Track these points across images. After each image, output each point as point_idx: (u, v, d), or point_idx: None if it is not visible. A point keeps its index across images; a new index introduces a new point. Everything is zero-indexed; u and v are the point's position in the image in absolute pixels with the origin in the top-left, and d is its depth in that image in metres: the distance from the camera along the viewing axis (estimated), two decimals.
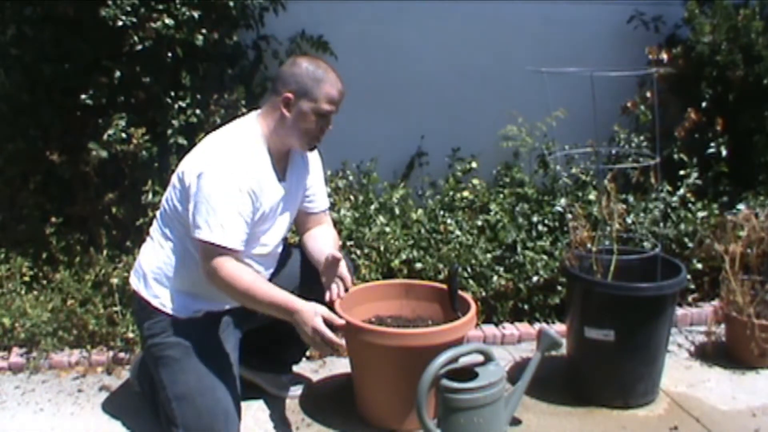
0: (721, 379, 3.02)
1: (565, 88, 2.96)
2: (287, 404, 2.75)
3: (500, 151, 3.91)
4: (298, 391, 2.83)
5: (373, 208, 3.58)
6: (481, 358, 2.33)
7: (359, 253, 3.35)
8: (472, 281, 3.33)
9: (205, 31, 3.24)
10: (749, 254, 3.18)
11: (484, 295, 3.33)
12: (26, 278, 3.23)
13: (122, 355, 3.02)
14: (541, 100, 3.05)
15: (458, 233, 3.47)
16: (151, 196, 3.20)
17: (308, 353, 3.01)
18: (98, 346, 3.06)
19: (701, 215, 3.60)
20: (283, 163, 2.46)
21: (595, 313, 2.74)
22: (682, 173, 3.78)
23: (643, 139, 3.86)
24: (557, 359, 2.91)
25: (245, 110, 3.23)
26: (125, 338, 3.03)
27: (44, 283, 3.24)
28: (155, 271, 2.42)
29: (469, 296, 2.73)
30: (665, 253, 3.02)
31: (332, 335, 2.24)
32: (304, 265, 2.60)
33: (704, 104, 3.87)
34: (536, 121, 3.76)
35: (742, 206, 3.57)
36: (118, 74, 3.19)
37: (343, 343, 2.28)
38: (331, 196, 3.37)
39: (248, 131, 2.39)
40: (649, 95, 3.88)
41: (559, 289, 3.37)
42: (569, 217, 3.16)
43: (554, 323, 3.37)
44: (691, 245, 3.54)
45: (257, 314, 2.47)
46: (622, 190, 3.61)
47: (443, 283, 2.88)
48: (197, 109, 3.31)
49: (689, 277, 3.39)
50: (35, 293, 3.20)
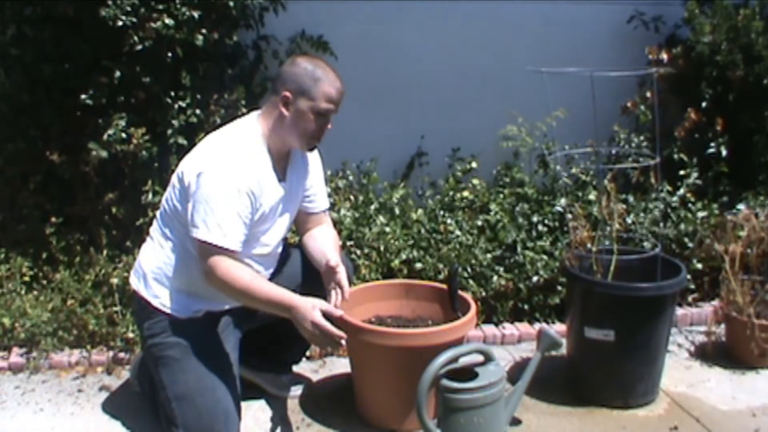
0: (721, 379, 3.02)
1: (565, 88, 2.96)
2: (287, 404, 2.75)
3: (500, 151, 3.91)
4: (298, 391, 2.83)
5: (373, 208, 3.58)
6: (481, 358, 2.33)
7: (359, 253, 3.35)
8: (472, 281, 3.33)
9: (205, 31, 3.24)
10: (749, 254, 3.18)
11: (484, 295, 3.33)
12: (26, 278, 3.23)
13: (122, 355, 3.03)
14: (541, 100, 3.05)
15: (458, 233, 3.47)
16: (151, 196, 3.20)
17: (308, 353, 3.01)
18: (98, 346, 3.06)
19: (701, 215, 3.60)
20: (283, 163, 2.45)
21: (595, 313, 2.74)
22: (682, 173, 3.78)
23: (643, 139, 3.86)
24: (557, 359, 2.91)
25: (245, 110, 3.23)
26: (125, 338, 3.03)
27: (44, 283, 3.24)
28: (155, 271, 2.42)
29: (469, 296, 2.74)
30: (665, 253, 3.02)
31: (332, 328, 2.22)
32: (304, 264, 2.60)
33: (704, 104, 3.87)
34: (536, 121, 3.76)
35: (742, 206, 3.56)
36: (118, 74, 3.19)
37: (344, 334, 2.25)
38: (331, 196, 3.37)
39: (248, 131, 2.38)
40: (649, 95, 3.88)
41: (559, 289, 3.37)
42: (569, 217, 3.16)
43: (554, 323, 3.37)
44: (691, 245, 3.54)
45: (257, 314, 2.47)
46: (622, 190, 3.61)
47: (443, 283, 2.88)
48: (197, 109, 3.31)
49: (689, 277, 3.39)
50: (35, 293, 3.20)
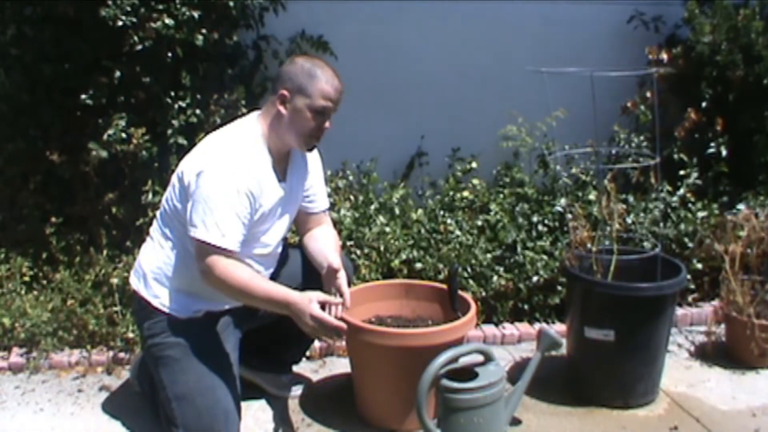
0: (721, 379, 3.02)
1: (565, 88, 2.96)
2: (287, 404, 2.75)
3: (500, 151, 3.91)
4: (298, 391, 2.83)
5: (373, 208, 3.58)
6: (481, 358, 2.33)
7: (359, 253, 3.35)
8: (472, 281, 3.33)
9: (205, 31, 3.24)
10: (749, 254, 3.18)
11: (484, 295, 3.33)
12: (26, 278, 3.23)
13: (122, 355, 3.03)
14: (541, 100, 3.05)
15: (458, 233, 3.47)
16: (151, 196, 3.20)
17: (308, 353, 3.02)
18: (98, 346, 3.06)
19: (701, 215, 3.60)
20: (283, 163, 2.45)
21: (595, 313, 2.74)
22: (682, 173, 3.78)
23: (643, 139, 3.86)
24: (557, 359, 2.91)
25: (245, 110, 3.23)
26: (125, 338, 3.03)
27: (44, 283, 3.24)
28: (155, 271, 2.42)
29: (469, 296, 2.74)
30: (665, 253, 3.02)
31: (331, 319, 2.21)
32: (304, 264, 2.59)
33: (704, 104, 3.87)
34: (536, 121, 3.76)
35: (742, 206, 3.56)
36: (118, 74, 3.19)
37: (343, 325, 2.23)
38: (331, 196, 3.37)
39: (248, 131, 2.38)
40: (649, 95, 3.88)
41: (559, 289, 3.37)
42: (569, 217, 3.16)
43: (554, 323, 3.37)
44: (691, 245, 3.54)
45: (257, 314, 2.47)
46: (622, 190, 3.61)
47: (443, 283, 2.88)
48: (197, 109, 3.31)
49: (689, 277, 3.39)
50: (35, 293, 3.20)
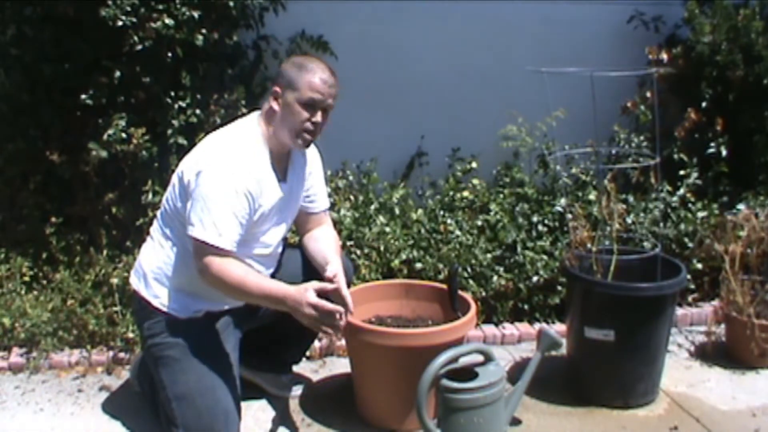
0: (721, 379, 3.02)
1: (565, 88, 2.96)
2: (288, 404, 2.75)
3: (500, 151, 3.91)
4: (298, 391, 2.83)
5: (373, 208, 3.58)
6: (481, 358, 2.33)
7: (359, 253, 3.35)
8: (472, 281, 3.33)
9: (205, 31, 3.24)
10: (749, 254, 3.18)
11: (484, 295, 3.33)
12: (26, 278, 3.23)
13: (122, 355, 3.03)
14: (541, 100, 3.04)
15: (458, 233, 3.47)
16: (151, 196, 3.20)
17: (308, 353, 3.01)
18: (98, 346, 3.06)
19: (701, 215, 3.60)
20: (283, 163, 2.45)
21: (595, 313, 2.74)
22: (682, 173, 3.78)
23: (643, 139, 3.86)
24: (557, 359, 2.91)
25: (245, 110, 3.23)
26: (125, 338, 3.03)
27: (44, 283, 3.24)
28: (155, 270, 2.42)
29: (469, 296, 2.74)
30: (665, 253, 3.02)
31: (329, 304, 2.17)
32: (305, 264, 2.59)
33: (704, 104, 3.87)
34: (536, 121, 3.76)
35: (742, 206, 3.56)
36: (118, 74, 3.19)
37: (341, 308, 2.19)
38: (331, 196, 3.37)
39: (249, 131, 2.38)
40: (649, 95, 3.88)
41: (559, 289, 3.37)
42: (569, 217, 3.16)
43: (554, 323, 3.37)
44: (691, 245, 3.54)
45: (257, 314, 2.47)
46: (622, 190, 3.61)
47: (443, 283, 2.88)
48: (197, 109, 3.31)
49: (689, 277, 3.38)
50: (35, 293, 3.20)
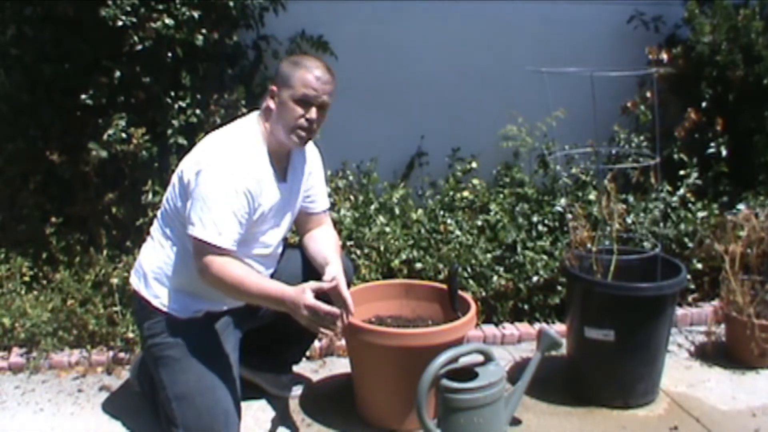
0: (721, 379, 3.02)
1: (565, 88, 2.96)
2: (288, 404, 2.75)
3: (500, 151, 3.91)
4: (298, 391, 2.83)
5: (373, 208, 3.58)
6: (481, 358, 2.33)
7: (359, 253, 3.35)
8: (472, 281, 3.33)
9: (205, 31, 3.24)
10: (749, 254, 3.18)
11: (484, 295, 3.33)
12: (26, 278, 3.23)
13: (122, 355, 3.03)
14: (541, 100, 3.04)
15: (458, 233, 3.47)
16: (151, 196, 3.20)
17: (308, 353, 3.01)
18: (98, 346, 3.06)
19: (701, 215, 3.60)
20: (283, 163, 2.45)
21: (595, 313, 2.74)
22: (682, 173, 3.78)
23: (643, 139, 3.86)
24: (557, 359, 2.91)
25: (245, 110, 3.23)
26: (125, 338, 3.03)
27: (44, 283, 3.24)
28: (155, 270, 2.42)
29: (469, 296, 2.74)
30: (665, 253, 3.02)
31: (324, 305, 2.17)
32: (305, 264, 2.58)
33: (704, 104, 3.87)
34: (536, 121, 3.76)
35: (742, 206, 3.56)
36: (118, 74, 3.19)
37: (337, 311, 2.19)
38: (331, 196, 3.37)
39: (248, 131, 2.39)
40: (649, 95, 3.88)
41: (559, 289, 3.37)
42: (569, 217, 3.16)
43: (554, 323, 3.37)
44: (691, 245, 3.54)
45: (257, 314, 2.47)
46: (622, 190, 3.61)
47: (443, 283, 2.88)
48: (197, 109, 3.31)
49: (689, 277, 3.38)
50: (35, 293, 3.20)
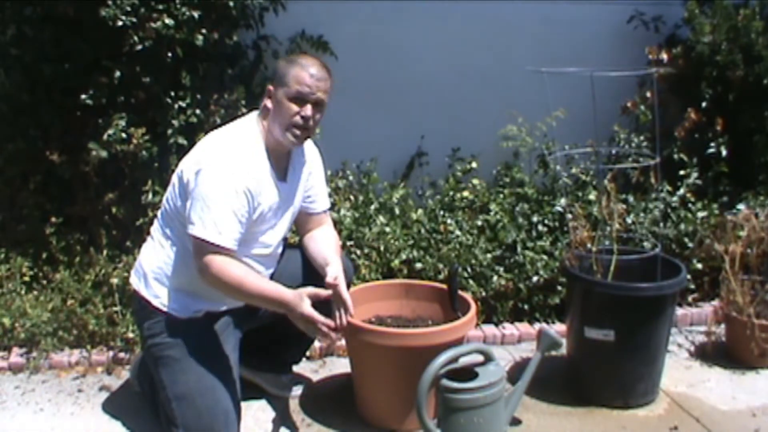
0: (721, 379, 3.02)
1: (565, 88, 2.96)
2: (288, 404, 2.75)
3: (500, 151, 3.91)
4: (298, 391, 2.83)
5: (373, 208, 3.58)
6: (481, 358, 2.33)
7: (359, 253, 3.35)
8: (472, 281, 3.33)
9: (205, 31, 3.24)
10: (749, 254, 3.18)
11: (484, 295, 3.33)
12: (26, 278, 3.23)
13: (122, 355, 3.03)
14: (541, 100, 3.04)
15: (458, 233, 3.47)
16: (151, 196, 3.20)
17: (308, 353, 3.01)
18: (98, 346, 3.06)
19: (701, 215, 3.60)
20: (283, 163, 2.45)
21: (595, 313, 2.74)
22: (682, 173, 3.78)
23: (643, 139, 3.86)
24: (557, 359, 2.91)
25: (245, 110, 3.23)
26: (125, 338, 3.03)
27: (44, 283, 3.24)
28: (156, 270, 2.42)
29: (469, 296, 2.74)
30: (665, 253, 3.02)
31: (322, 318, 2.20)
32: (305, 265, 2.59)
33: (704, 104, 3.87)
34: (536, 121, 3.76)
35: (742, 206, 3.56)
36: (118, 74, 3.19)
37: (330, 323, 2.22)
38: (331, 196, 3.36)
39: (248, 130, 2.39)
40: (649, 95, 3.88)
41: (559, 289, 3.37)
42: (569, 217, 3.16)
43: (554, 323, 3.37)
44: (691, 245, 3.55)
45: (257, 314, 2.47)
46: (622, 190, 3.61)
47: (443, 283, 2.88)
48: (197, 109, 3.31)
49: (689, 277, 3.38)
50: (35, 293, 3.20)
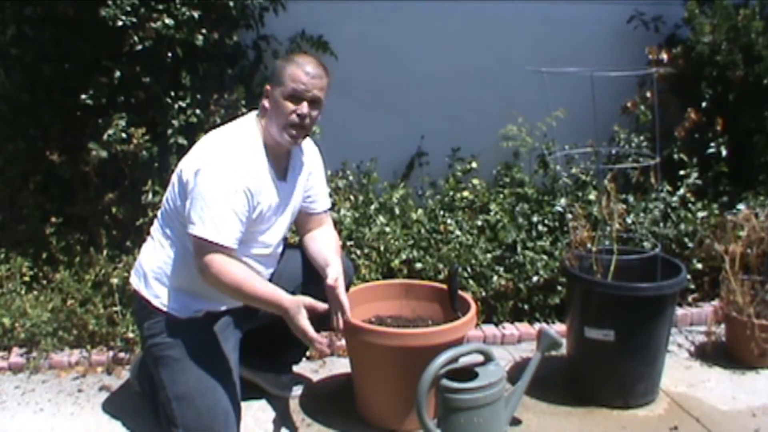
0: (721, 379, 3.02)
1: (565, 88, 2.96)
2: (288, 404, 2.75)
3: (500, 151, 3.91)
4: (298, 391, 2.83)
5: (373, 208, 3.58)
6: (481, 358, 2.33)
7: (359, 253, 3.35)
8: (472, 281, 3.33)
9: (205, 31, 3.24)
10: (749, 254, 3.18)
11: (484, 295, 3.33)
12: (26, 278, 3.23)
13: (122, 355, 3.03)
14: (541, 100, 3.04)
15: (458, 233, 3.47)
16: (151, 196, 3.20)
17: (308, 353, 3.01)
18: (98, 346, 3.06)
19: (701, 215, 3.60)
20: (283, 163, 2.46)
21: (595, 313, 2.74)
22: (682, 173, 3.78)
23: (643, 139, 3.86)
24: (557, 359, 2.91)
25: (245, 110, 3.23)
26: (125, 338, 3.03)
27: (44, 283, 3.24)
28: (156, 270, 2.42)
29: (469, 296, 2.74)
30: (665, 253, 3.02)
31: (314, 334, 2.21)
32: (305, 264, 2.59)
33: (704, 104, 3.87)
34: (536, 121, 3.76)
35: (742, 206, 3.56)
36: (118, 74, 3.19)
37: (323, 340, 2.25)
38: (331, 196, 3.36)
39: (247, 130, 2.39)
40: (649, 95, 3.88)
41: (559, 289, 3.37)
42: (569, 217, 3.16)
43: (554, 323, 3.37)
44: (691, 245, 3.54)
45: (258, 314, 2.47)
46: (622, 190, 3.61)
47: (443, 283, 2.88)
48: (197, 109, 3.31)
49: (689, 277, 3.39)
50: (35, 293, 3.20)
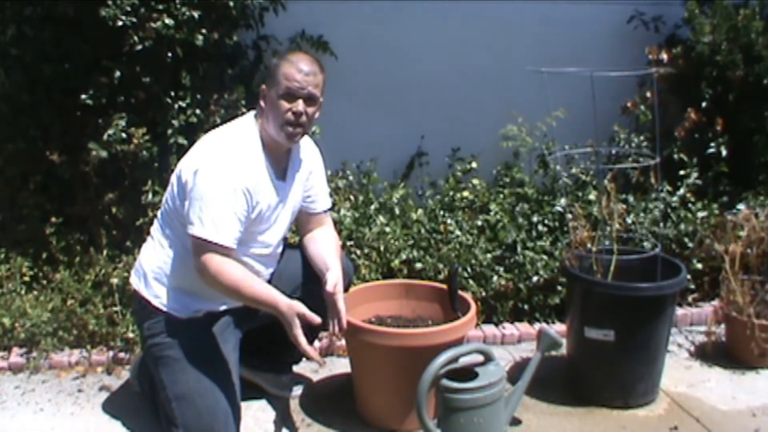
0: (721, 379, 3.02)
1: (565, 88, 2.96)
2: (288, 404, 2.75)
3: (500, 151, 3.91)
4: (298, 391, 2.83)
5: (373, 208, 3.58)
6: (481, 358, 2.33)
7: (359, 253, 3.35)
8: (472, 281, 3.33)
9: (205, 31, 3.24)
10: (749, 254, 3.18)
11: (484, 295, 3.33)
12: (26, 278, 3.23)
13: (122, 355, 3.02)
14: (541, 100, 3.05)
15: (458, 233, 3.47)
16: (151, 196, 3.20)
17: None
18: (98, 346, 3.06)
19: (701, 215, 3.60)
20: (283, 162, 2.45)
21: (595, 313, 2.74)
22: (682, 173, 3.78)
23: (643, 139, 3.86)
24: (557, 359, 2.91)
25: (245, 110, 3.23)
26: (125, 338, 3.03)
27: (44, 283, 3.24)
28: (155, 270, 2.42)
29: (469, 296, 2.74)
30: (665, 253, 3.02)
31: (306, 346, 2.21)
32: (305, 265, 2.59)
33: (704, 104, 3.87)
34: (536, 121, 3.76)
35: (742, 206, 3.56)
36: (118, 74, 3.19)
37: (315, 354, 2.29)
38: (331, 196, 3.36)
39: (245, 130, 2.39)
40: (649, 95, 3.87)
41: (559, 289, 3.37)
42: (569, 217, 3.16)
43: (554, 323, 3.37)
44: (691, 245, 3.54)
45: (258, 314, 2.46)
46: (622, 190, 3.61)
47: (443, 283, 2.88)
48: (197, 109, 3.31)
49: (689, 277, 3.38)
50: (35, 293, 3.20)
